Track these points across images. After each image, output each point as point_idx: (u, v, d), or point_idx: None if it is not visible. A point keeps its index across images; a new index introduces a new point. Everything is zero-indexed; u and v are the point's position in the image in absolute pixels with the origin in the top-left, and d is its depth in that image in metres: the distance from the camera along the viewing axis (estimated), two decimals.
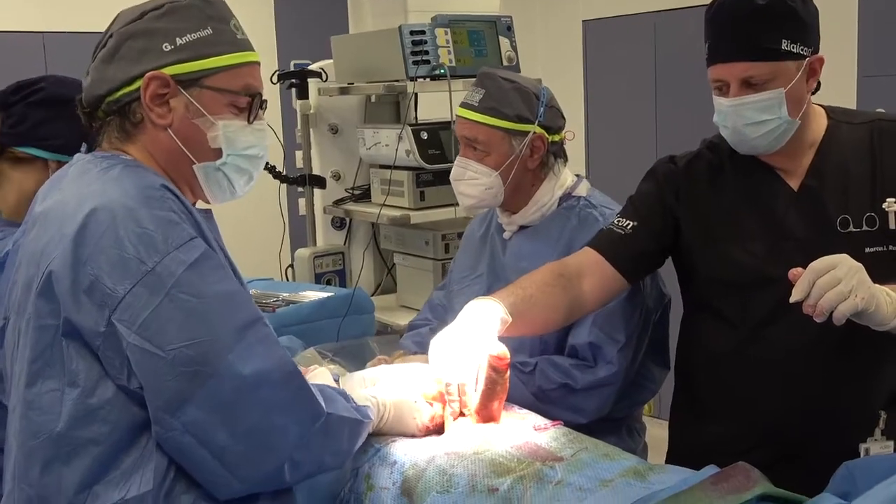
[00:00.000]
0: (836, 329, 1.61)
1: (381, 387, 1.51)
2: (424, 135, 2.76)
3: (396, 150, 2.75)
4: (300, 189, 3.18)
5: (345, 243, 3.22)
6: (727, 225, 1.70)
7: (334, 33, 3.22)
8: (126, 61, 1.32)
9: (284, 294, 2.60)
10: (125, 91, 1.32)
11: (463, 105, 1.97)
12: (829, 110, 1.70)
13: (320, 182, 3.11)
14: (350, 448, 1.36)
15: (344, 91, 2.99)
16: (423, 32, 2.74)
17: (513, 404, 1.58)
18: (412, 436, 1.48)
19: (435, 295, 2.31)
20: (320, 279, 3.05)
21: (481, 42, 2.84)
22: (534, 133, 1.91)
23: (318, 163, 3.18)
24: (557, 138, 1.97)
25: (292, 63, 4.22)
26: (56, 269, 1.20)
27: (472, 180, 1.95)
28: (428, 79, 2.75)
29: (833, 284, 1.37)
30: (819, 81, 1.67)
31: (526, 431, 1.46)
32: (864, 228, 1.60)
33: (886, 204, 1.58)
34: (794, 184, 1.66)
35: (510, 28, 2.88)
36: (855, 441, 1.63)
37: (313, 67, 3.13)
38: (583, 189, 2.01)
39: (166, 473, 1.21)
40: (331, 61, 3.13)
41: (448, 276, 2.24)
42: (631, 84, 4.10)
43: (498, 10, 3.30)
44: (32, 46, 4.45)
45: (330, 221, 3.21)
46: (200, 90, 1.33)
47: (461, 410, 1.48)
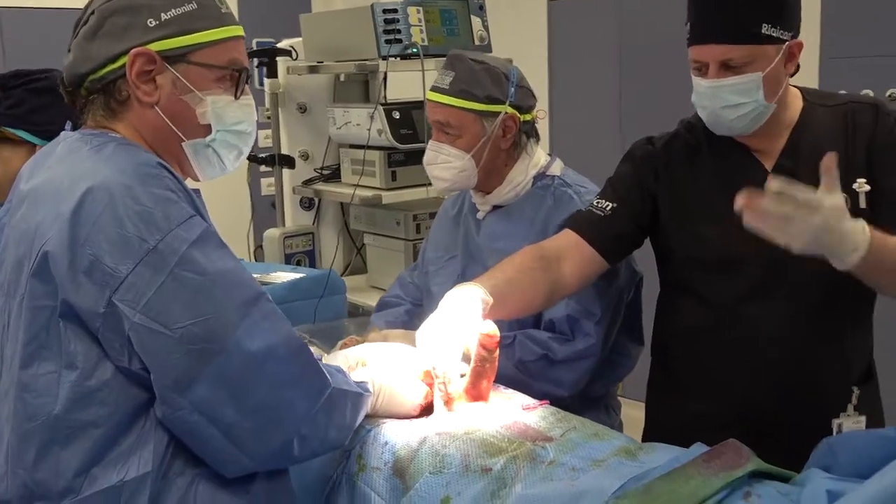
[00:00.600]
0: (810, 307, 1.65)
1: (373, 367, 1.51)
2: (397, 114, 2.75)
3: (370, 130, 2.73)
4: (262, 169, 3.15)
5: (313, 223, 3.20)
6: (703, 205, 1.72)
7: (296, 12, 3.18)
8: (110, 38, 1.30)
9: (255, 275, 2.57)
10: (109, 68, 1.30)
11: (433, 89, 1.97)
12: (805, 92, 1.73)
13: (290, 162, 3.08)
14: (352, 422, 1.36)
15: (313, 70, 2.96)
16: (396, 11, 2.72)
17: (498, 384, 1.59)
18: (405, 416, 1.48)
19: (406, 273, 2.31)
20: (290, 260, 3.03)
21: (453, 21, 2.83)
22: (505, 113, 1.92)
23: (287, 142, 3.15)
24: (529, 117, 1.98)
25: (254, 42, 4.17)
26: (52, 250, 1.17)
27: (446, 163, 1.96)
28: (398, 58, 2.74)
29: (780, 225, 1.38)
30: (798, 64, 1.70)
31: (514, 411, 1.46)
32: None
33: (857, 184, 1.60)
34: (769, 164, 1.68)
35: (482, 7, 2.87)
36: (829, 417, 1.66)
37: (282, 45, 3.09)
38: (556, 168, 2.02)
39: (164, 454, 1.20)
40: (299, 39, 3.09)
41: (421, 257, 2.24)
42: (595, 64, 4.11)
43: None
44: None
45: (299, 202, 3.19)
46: (187, 66, 1.32)
47: (448, 393, 1.49)
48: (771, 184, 1.37)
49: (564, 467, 1.23)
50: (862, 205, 1.61)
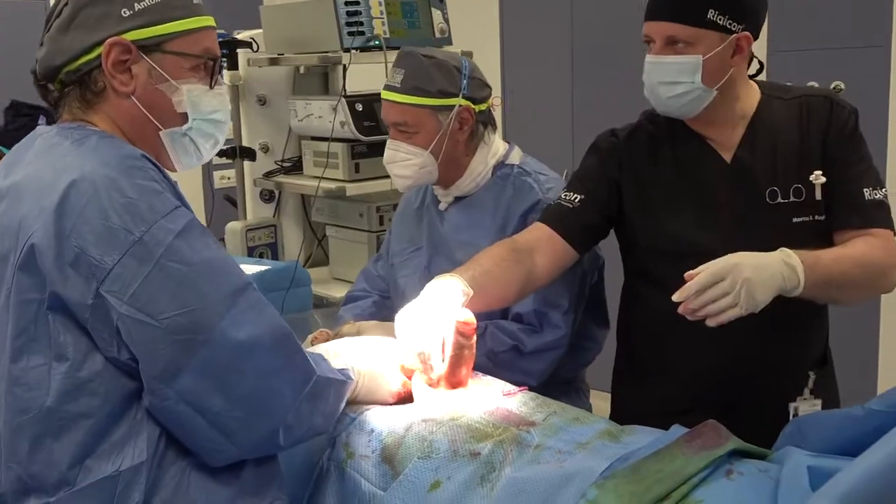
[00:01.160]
0: None
1: (351, 356, 1.53)
2: (359, 106, 2.75)
3: (333, 123, 2.73)
4: (215, 162, 3.12)
5: (274, 216, 3.19)
6: (663, 195, 1.77)
7: (252, 3, 3.16)
8: (84, 29, 1.30)
9: None
10: (84, 60, 1.30)
11: (386, 88, 1.97)
12: (763, 85, 1.77)
13: (250, 154, 3.07)
14: (336, 409, 1.39)
15: (274, 62, 2.95)
16: (358, 3, 2.72)
17: (476, 371, 1.62)
18: (383, 402, 1.50)
19: (370, 266, 2.32)
20: (253, 252, 3.01)
21: (414, 14, 2.84)
22: (459, 106, 1.92)
23: (246, 135, 3.13)
24: (484, 107, 1.99)
25: None
26: (38, 243, 1.18)
27: (405, 161, 1.96)
28: (359, 50, 2.74)
29: (718, 297, 1.44)
30: (761, 63, 1.76)
31: (495, 397, 1.50)
32: (792, 199, 1.67)
33: (813, 176, 1.66)
34: (727, 156, 1.73)
35: (442, 0, 2.89)
36: (786, 401, 1.72)
37: (242, 37, 3.08)
38: (516, 157, 2.04)
39: (158, 443, 1.21)
40: (259, 31, 3.08)
41: (384, 248, 2.25)
42: (548, 54, 4.16)
43: None
44: None
45: (259, 194, 3.18)
46: (162, 55, 1.32)
47: (429, 377, 1.52)
48: (689, 284, 1.45)
49: (551, 450, 1.26)
50: (818, 196, 1.66)
